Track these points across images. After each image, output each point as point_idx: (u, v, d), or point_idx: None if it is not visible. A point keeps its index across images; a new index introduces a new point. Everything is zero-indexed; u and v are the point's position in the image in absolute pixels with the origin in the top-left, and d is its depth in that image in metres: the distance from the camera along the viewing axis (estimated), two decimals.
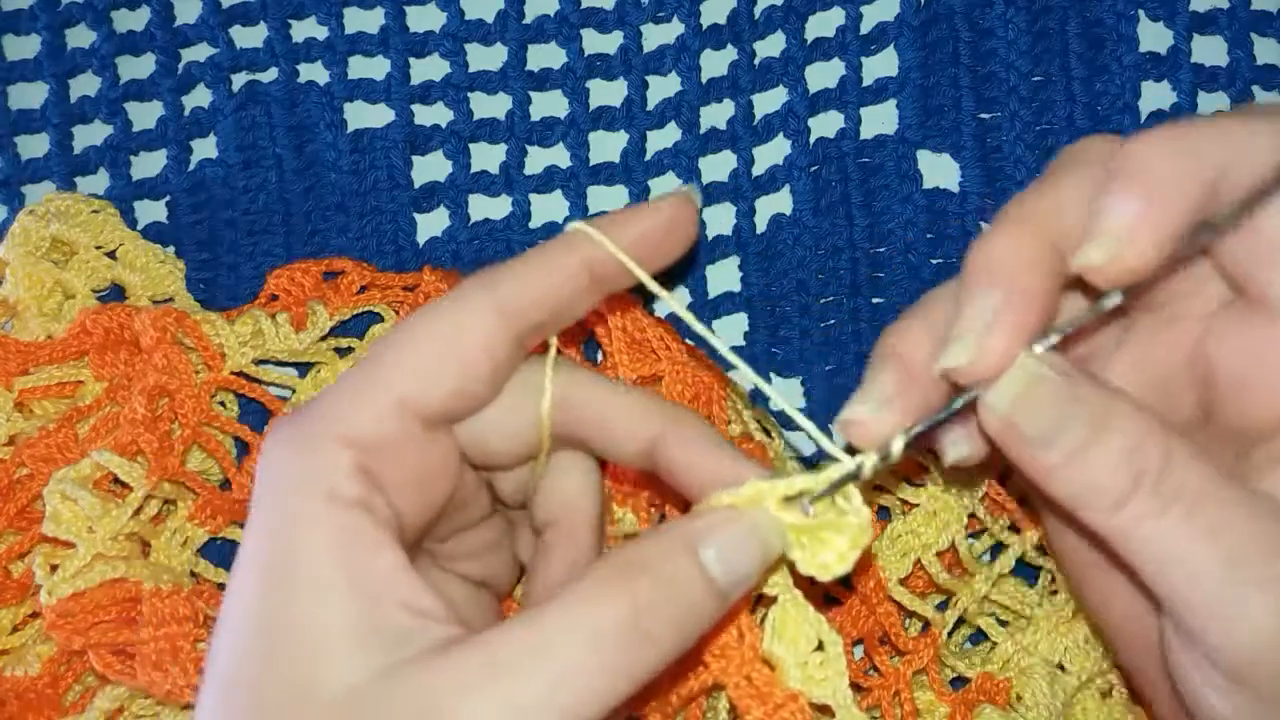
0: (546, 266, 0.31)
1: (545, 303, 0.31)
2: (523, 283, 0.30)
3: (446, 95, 0.47)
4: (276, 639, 0.27)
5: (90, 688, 0.41)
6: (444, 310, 0.30)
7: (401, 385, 0.29)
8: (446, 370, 0.29)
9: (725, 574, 0.29)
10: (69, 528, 0.38)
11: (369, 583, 0.27)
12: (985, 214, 0.46)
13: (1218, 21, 0.46)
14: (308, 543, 0.27)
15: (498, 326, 0.30)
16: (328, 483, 0.28)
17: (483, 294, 0.30)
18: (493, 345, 0.30)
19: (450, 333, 0.30)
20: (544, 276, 0.31)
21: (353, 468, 0.28)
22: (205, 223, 0.47)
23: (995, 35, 0.46)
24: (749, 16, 0.47)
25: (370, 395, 0.29)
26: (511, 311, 0.30)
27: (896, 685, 0.39)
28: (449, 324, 0.30)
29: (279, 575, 0.27)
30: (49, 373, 0.42)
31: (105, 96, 0.47)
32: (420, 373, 0.29)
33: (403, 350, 0.29)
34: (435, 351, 0.29)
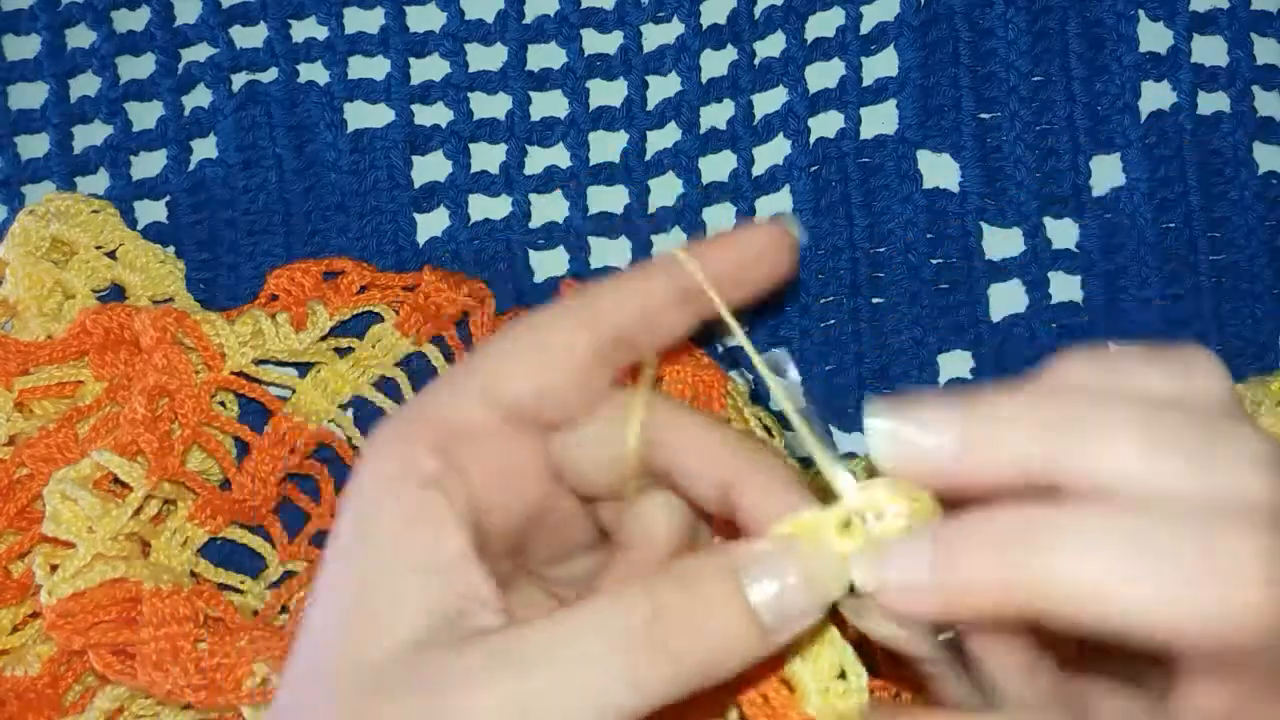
0: (636, 284, 0.31)
1: (629, 316, 0.31)
2: (610, 296, 0.31)
3: (446, 95, 0.47)
4: (350, 597, 0.28)
5: (90, 688, 0.41)
6: (535, 315, 0.31)
7: (484, 374, 0.30)
8: (528, 365, 0.30)
9: (771, 611, 0.27)
10: (69, 528, 0.38)
11: (430, 562, 0.28)
12: (986, 214, 0.46)
13: (1218, 21, 0.46)
14: (384, 511, 0.28)
15: (580, 331, 0.30)
16: (404, 458, 0.29)
17: (571, 303, 0.31)
18: (573, 345, 0.30)
19: (535, 333, 0.30)
20: (632, 292, 0.31)
21: (430, 445, 0.29)
22: (205, 223, 0.47)
23: (995, 35, 0.46)
24: (749, 16, 0.47)
25: (455, 383, 0.30)
26: (595, 320, 0.31)
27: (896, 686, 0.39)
28: (536, 326, 0.31)
29: (350, 546, 0.28)
30: (49, 373, 0.42)
31: (105, 96, 0.47)
32: (503, 365, 0.30)
33: (495, 350, 0.31)
34: (519, 348, 0.30)
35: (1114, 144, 0.46)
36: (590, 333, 0.30)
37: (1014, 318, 0.46)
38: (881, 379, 0.45)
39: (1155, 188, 0.46)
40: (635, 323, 0.31)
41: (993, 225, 0.46)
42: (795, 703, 0.31)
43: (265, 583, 0.43)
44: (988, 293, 0.46)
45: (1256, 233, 0.46)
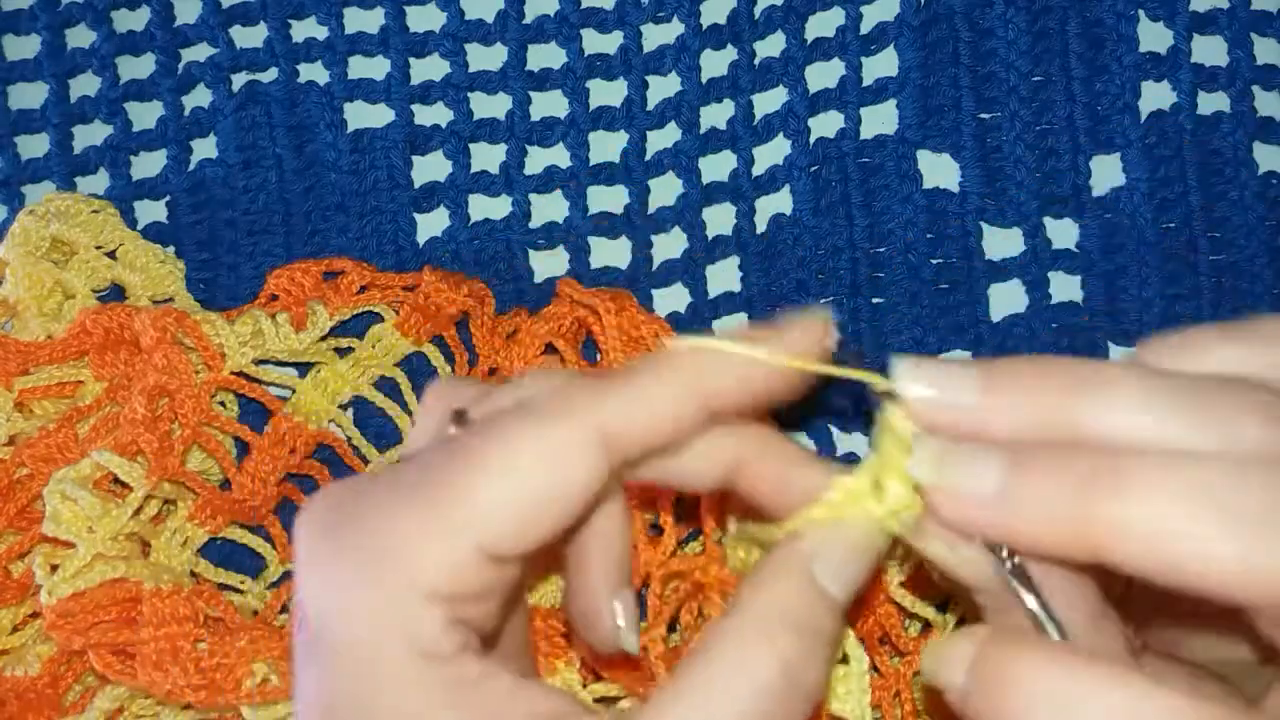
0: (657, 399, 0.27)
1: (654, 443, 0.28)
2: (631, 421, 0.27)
3: (446, 95, 0.47)
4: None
5: (90, 688, 0.41)
6: (533, 441, 0.26)
7: (483, 537, 0.26)
8: (538, 516, 0.26)
9: (842, 590, 0.28)
10: (69, 528, 0.38)
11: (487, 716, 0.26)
12: (986, 214, 0.46)
13: (1218, 21, 0.46)
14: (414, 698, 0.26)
15: (596, 472, 0.27)
16: (418, 640, 0.26)
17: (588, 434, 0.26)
18: (588, 490, 0.27)
19: (542, 473, 0.26)
20: (654, 413, 0.27)
21: (446, 622, 0.26)
22: (205, 223, 0.47)
23: (995, 35, 0.46)
24: (749, 16, 0.47)
25: (447, 545, 0.26)
26: (616, 455, 0.27)
27: (897, 685, 0.39)
28: (540, 459, 0.26)
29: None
30: (49, 373, 0.42)
31: (105, 96, 0.47)
32: (505, 523, 0.26)
33: (482, 490, 0.26)
34: (523, 496, 0.26)
35: (1114, 144, 0.46)
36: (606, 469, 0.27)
37: (1014, 318, 0.46)
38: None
39: (1155, 188, 0.46)
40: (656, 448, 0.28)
41: (993, 225, 0.46)
42: None
43: (265, 583, 0.43)
44: (988, 293, 0.46)
45: (1256, 233, 0.46)
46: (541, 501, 0.26)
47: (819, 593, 0.28)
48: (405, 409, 0.44)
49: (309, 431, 0.43)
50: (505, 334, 0.44)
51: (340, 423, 0.44)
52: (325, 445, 0.44)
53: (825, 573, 0.28)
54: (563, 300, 0.43)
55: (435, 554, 0.26)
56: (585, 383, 0.27)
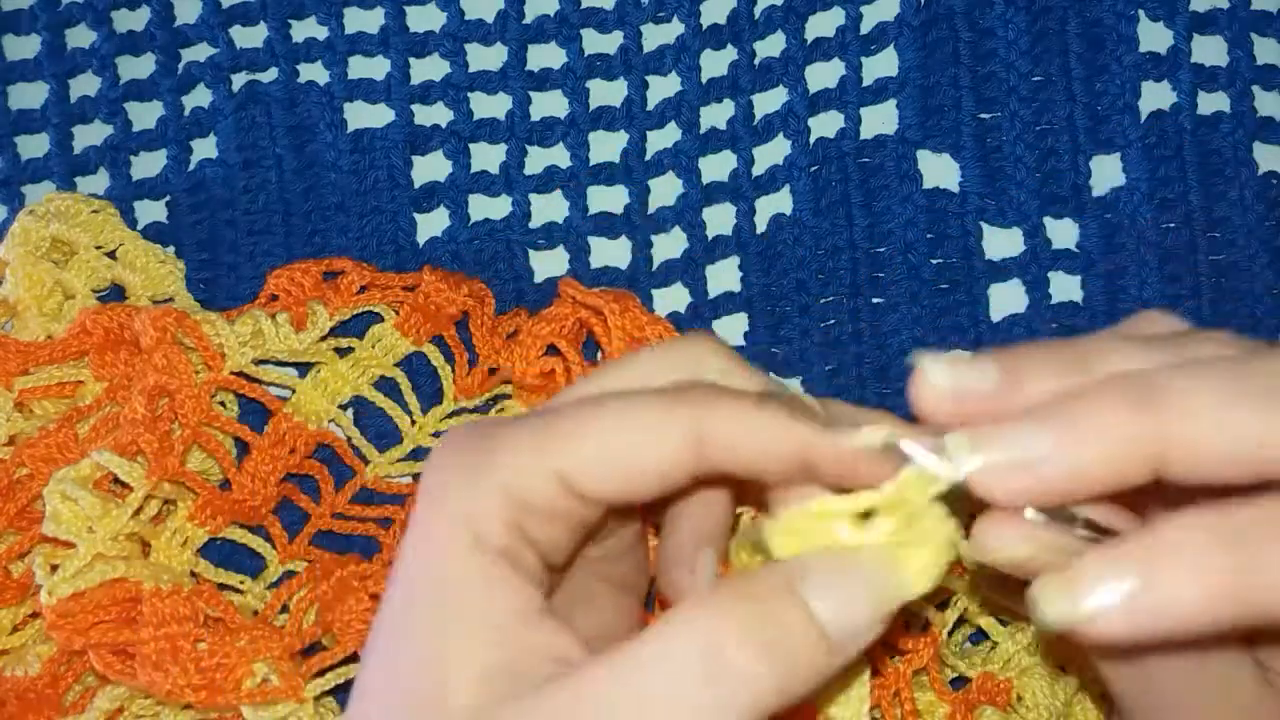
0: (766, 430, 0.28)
1: (744, 462, 0.29)
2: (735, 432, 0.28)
3: (446, 95, 0.47)
4: (411, 658, 0.28)
5: (90, 688, 0.41)
6: (643, 409, 0.28)
7: (569, 468, 0.28)
8: (616, 473, 0.28)
9: (837, 627, 0.27)
10: (69, 528, 0.38)
11: (506, 622, 0.28)
12: (986, 214, 0.46)
13: (1218, 21, 0.46)
14: (453, 575, 0.28)
15: (685, 462, 0.28)
16: (479, 527, 0.28)
17: (690, 418, 0.28)
18: (671, 474, 0.29)
19: (636, 441, 0.28)
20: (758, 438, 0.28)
21: (506, 522, 0.28)
22: (205, 223, 0.47)
23: (995, 35, 0.46)
24: (749, 16, 0.47)
25: (536, 460, 0.29)
26: (707, 459, 0.28)
27: (896, 685, 0.39)
28: (639, 429, 0.28)
29: (424, 600, 0.28)
30: (49, 373, 0.42)
31: (105, 96, 0.47)
32: (591, 465, 0.28)
33: (586, 433, 0.28)
34: (613, 452, 0.28)
35: (1114, 144, 0.46)
36: (694, 465, 0.28)
37: (1014, 318, 0.46)
38: (882, 379, 0.45)
39: (1155, 188, 0.46)
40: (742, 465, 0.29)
41: (993, 225, 0.46)
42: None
43: (265, 583, 0.43)
44: (988, 293, 0.46)
45: (1256, 233, 0.46)
46: (621, 462, 0.28)
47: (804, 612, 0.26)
48: (405, 409, 0.44)
49: (309, 431, 0.43)
50: (505, 334, 0.44)
51: (340, 423, 0.44)
52: (325, 445, 0.44)
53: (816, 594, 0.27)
54: (565, 301, 0.43)
55: (517, 464, 0.28)
56: (705, 387, 0.29)
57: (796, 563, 0.27)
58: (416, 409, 0.45)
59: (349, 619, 0.39)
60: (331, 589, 0.40)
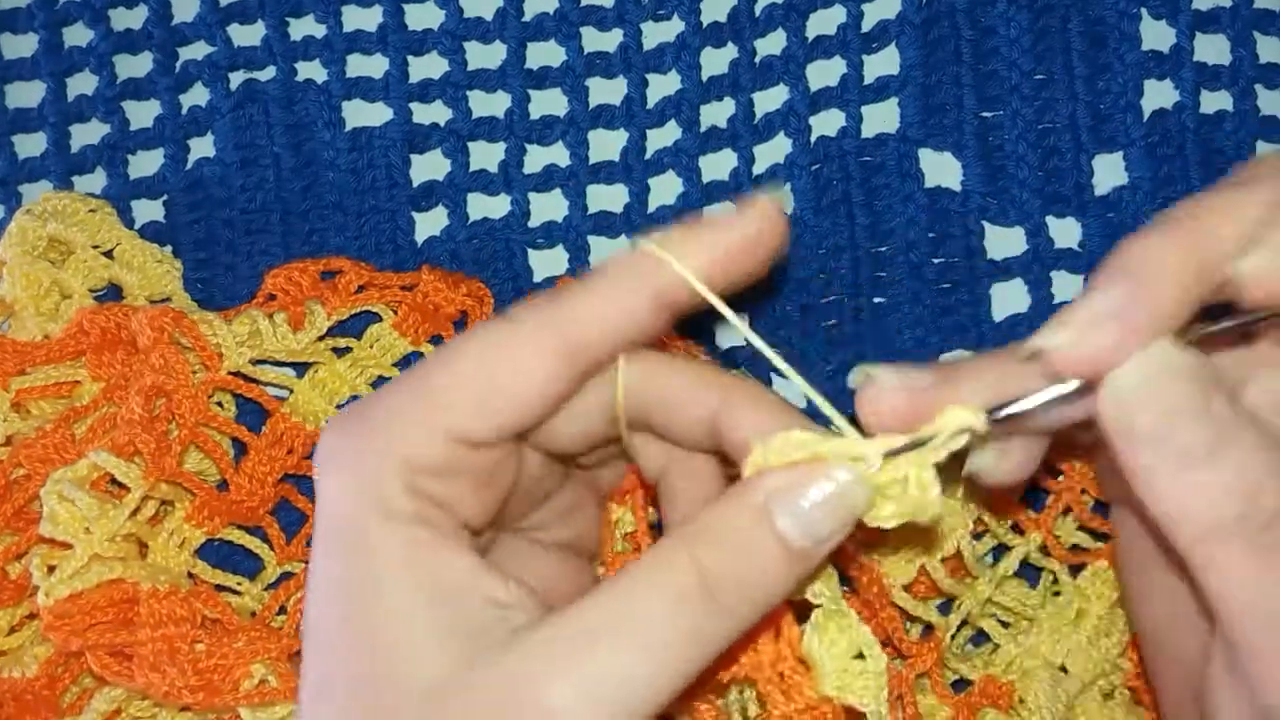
0: (605, 290, 0.29)
1: (608, 336, 0.29)
2: (575, 306, 0.29)
3: (445, 93, 0.47)
4: (361, 648, 0.28)
5: (87, 689, 0.41)
6: (500, 341, 0.29)
7: (449, 418, 0.29)
8: (498, 406, 0.29)
9: (803, 536, 0.28)
10: (66, 528, 0.38)
11: (442, 587, 0.28)
12: (988, 213, 0.46)
13: (1220, 20, 0.46)
14: (377, 557, 0.28)
15: (557, 366, 0.29)
16: (383, 501, 0.28)
17: (543, 330, 0.29)
18: (552, 387, 0.29)
19: (505, 369, 0.29)
20: (600, 300, 0.29)
21: (406, 488, 0.28)
22: (203, 222, 0.47)
23: (997, 33, 0.46)
24: (749, 14, 0.46)
25: (418, 420, 0.29)
26: (573, 349, 0.29)
27: (899, 689, 0.39)
28: (504, 358, 0.29)
29: (355, 590, 0.28)
30: (46, 373, 0.42)
31: (102, 95, 0.47)
32: (469, 407, 0.29)
33: (454, 378, 0.29)
34: (487, 387, 0.29)
35: (1116, 143, 0.46)
36: (557, 358, 0.29)
37: (1016, 317, 0.46)
38: None
39: (1158, 187, 0.46)
40: (606, 336, 0.30)
41: (995, 224, 0.46)
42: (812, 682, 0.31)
43: (263, 584, 0.43)
44: (990, 292, 0.46)
45: None
46: (500, 393, 0.29)
47: (768, 529, 0.27)
48: None
49: (307, 432, 0.43)
50: None
51: None
52: None
53: (783, 512, 0.28)
54: None
55: (402, 426, 0.29)
56: (551, 293, 0.30)
57: (759, 484, 0.28)
58: None
59: None
60: None
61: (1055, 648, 0.40)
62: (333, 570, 0.29)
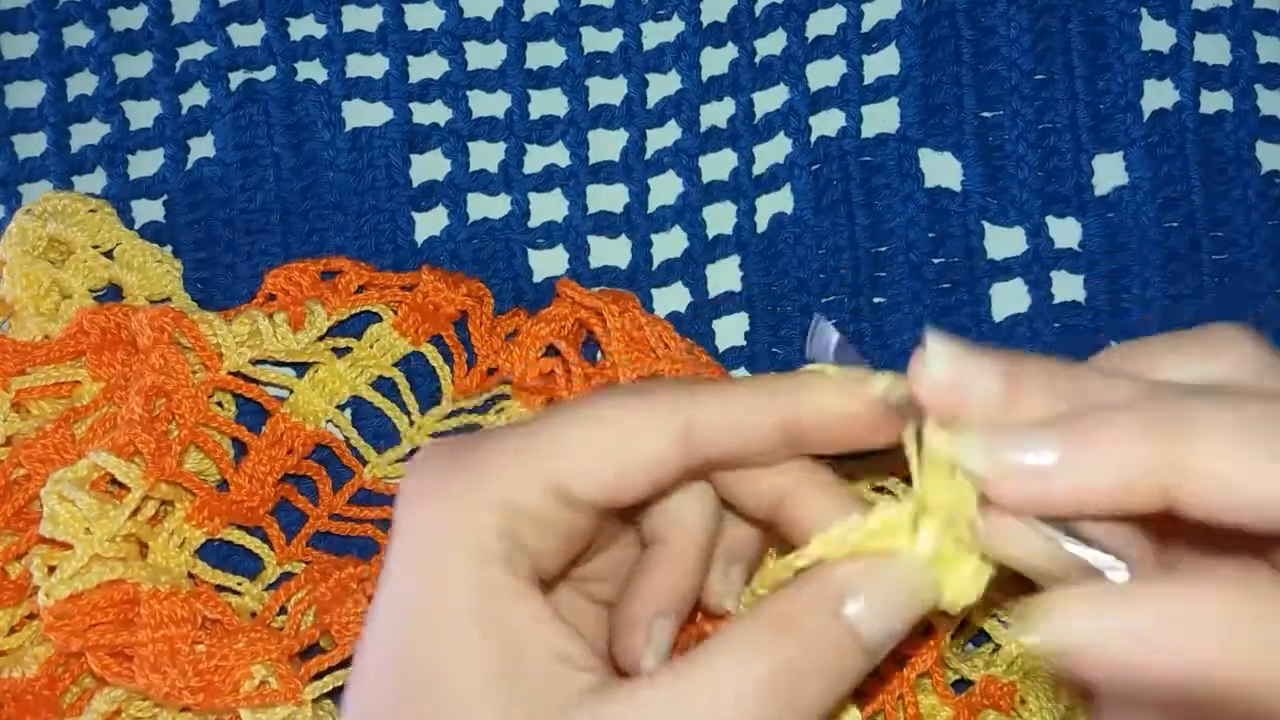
0: (748, 407, 0.29)
1: (730, 447, 0.29)
2: (717, 416, 0.29)
3: (445, 93, 0.47)
4: (419, 684, 0.27)
5: (88, 689, 0.41)
6: (628, 411, 0.29)
7: (559, 474, 0.28)
8: (606, 476, 0.29)
9: (873, 631, 0.27)
10: (66, 529, 0.38)
11: (512, 633, 0.27)
12: (988, 213, 0.46)
13: (1220, 20, 0.46)
14: (453, 594, 0.28)
15: (672, 452, 0.29)
16: (473, 540, 0.28)
17: (673, 412, 0.29)
18: (661, 470, 0.29)
19: (623, 442, 0.29)
20: (742, 418, 0.29)
21: (499, 530, 0.28)
22: (203, 222, 0.47)
23: (997, 33, 0.46)
24: (749, 14, 0.46)
25: (525, 467, 0.29)
26: (694, 443, 0.29)
27: (900, 689, 0.39)
28: (626, 431, 0.29)
29: (424, 622, 0.28)
30: (46, 373, 0.42)
31: (102, 95, 0.47)
32: (581, 470, 0.28)
33: (571, 437, 0.29)
34: (601, 453, 0.28)
35: (1116, 143, 0.46)
36: (683, 462, 0.29)
37: (1016, 317, 0.46)
38: None
39: (1158, 187, 0.46)
40: (732, 459, 0.29)
41: (995, 224, 0.46)
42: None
43: (263, 584, 0.43)
44: (990, 292, 0.46)
45: (1259, 232, 0.45)
46: (609, 461, 0.28)
47: (842, 625, 0.27)
48: (403, 409, 0.44)
49: (307, 432, 0.43)
50: (504, 334, 0.44)
51: (338, 423, 0.44)
52: (323, 445, 0.44)
53: (857, 610, 0.27)
54: (564, 301, 0.43)
55: (506, 472, 0.28)
56: (683, 381, 0.30)
57: (834, 576, 0.27)
58: (415, 409, 0.44)
59: (347, 621, 0.39)
60: (330, 591, 0.40)
61: None
62: (405, 597, 0.28)
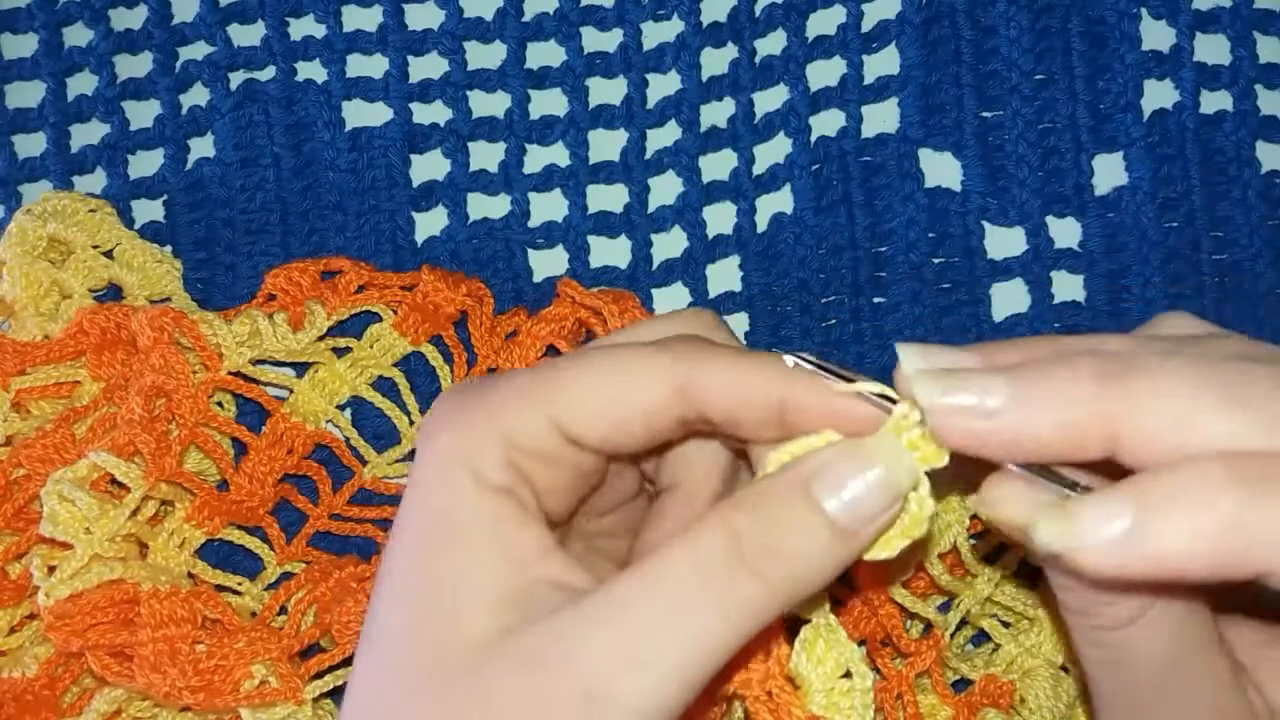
0: (749, 378, 0.29)
1: (726, 409, 0.29)
2: (718, 379, 0.29)
3: (445, 93, 0.47)
4: (426, 596, 0.29)
5: (88, 689, 0.41)
6: (630, 359, 0.30)
7: (560, 412, 0.30)
8: (604, 418, 0.30)
9: (848, 514, 0.27)
10: (66, 529, 0.38)
11: (513, 556, 0.29)
12: (988, 213, 0.46)
13: (1220, 20, 0.46)
14: (461, 512, 0.29)
15: (669, 403, 0.29)
16: (478, 467, 0.29)
17: (674, 366, 0.29)
18: (658, 419, 0.30)
19: (623, 388, 0.30)
20: (741, 385, 0.29)
21: (501, 460, 0.29)
22: (203, 222, 0.47)
23: (997, 33, 0.46)
24: (749, 14, 0.46)
25: (531, 405, 0.30)
26: (691, 398, 0.29)
27: (899, 687, 0.39)
28: (626, 377, 0.30)
29: (433, 543, 0.29)
30: (46, 373, 0.42)
31: (102, 95, 0.47)
32: (581, 410, 0.30)
33: (576, 379, 0.30)
34: (602, 397, 0.30)
35: (1116, 143, 0.46)
36: (679, 410, 0.29)
37: (1016, 317, 0.46)
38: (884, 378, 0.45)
39: (1158, 187, 0.46)
40: (724, 417, 0.30)
41: (995, 224, 0.46)
42: (800, 700, 0.30)
43: (263, 584, 0.43)
44: (990, 292, 0.46)
45: (1259, 232, 0.45)
46: (607, 405, 0.29)
47: (811, 503, 0.27)
48: (403, 409, 0.44)
49: (307, 432, 0.43)
50: (504, 334, 0.44)
51: (338, 423, 0.44)
52: (323, 445, 0.44)
53: (825, 488, 0.27)
54: (564, 301, 0.43)
55: (512, 408, 0.30)
56: (695, 340, 0.30)
57: (808, 460, 0.28)
58: (415, 409, 0.44)
59: (347, 620, 0.39)
60: (330, 590, 0.40)
61: (1056, 647, 0.40)
62: (417, 522, 0.30)
